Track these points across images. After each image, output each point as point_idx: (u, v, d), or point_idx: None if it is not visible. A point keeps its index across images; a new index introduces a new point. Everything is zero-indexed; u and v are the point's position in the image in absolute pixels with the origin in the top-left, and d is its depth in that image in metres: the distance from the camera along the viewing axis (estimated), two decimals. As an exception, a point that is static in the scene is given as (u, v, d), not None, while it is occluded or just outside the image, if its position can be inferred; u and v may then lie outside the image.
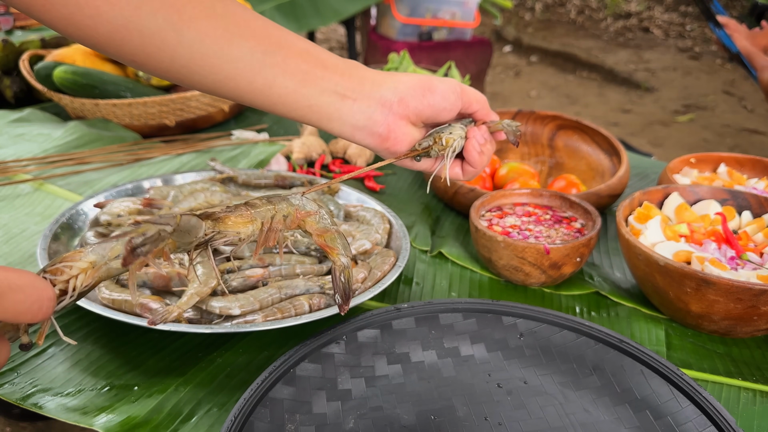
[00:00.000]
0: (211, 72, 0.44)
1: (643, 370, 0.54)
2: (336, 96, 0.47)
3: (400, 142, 0.51)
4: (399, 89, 0.50)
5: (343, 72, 0.48)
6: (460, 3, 2.71)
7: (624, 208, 0.71)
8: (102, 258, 0.34)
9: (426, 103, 0.51)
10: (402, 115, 0.50)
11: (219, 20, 0.43)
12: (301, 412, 0.50)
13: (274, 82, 0.45)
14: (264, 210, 0.43)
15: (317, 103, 0.47)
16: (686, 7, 4.83)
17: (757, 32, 1.27)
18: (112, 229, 0.71)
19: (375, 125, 0.49)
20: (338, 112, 0.48)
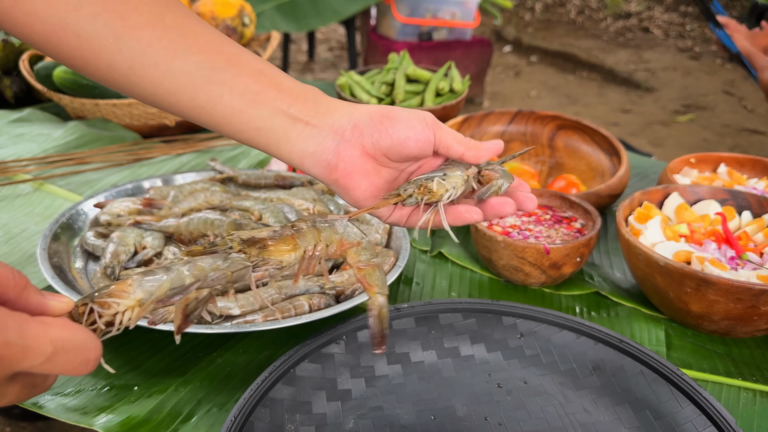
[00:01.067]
0: (151, 84, 0.41)
1: (643, 370, 0.54)
2: (287, 119, 0.44)
3: (349, 174, 0.45)
4: (354, 116, 0.45)
5: (298, 95, 0.44)
6: (460, 3, 2.71)
7: (624, 208, 0.71)
8: (149, 296, 0.34)
9: (384, 131, 0.44)
10: (355, 144, 0.45)
11: (166, 31, 0.41)
12: (301, 412, 0.50)
13: (220, 100, 0.42)
14: (309, 237, 0.42)
15: (266, 126, 0.44)
16: (686, 7, 4.83)
17: (757, 32, 1.27)
18: (112, 229, 0.71)
19: (324, 152, 0.45)
20: (287, 136, 0.44)
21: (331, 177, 0.45)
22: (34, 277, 0.69)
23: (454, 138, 0.46)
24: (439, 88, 1.08)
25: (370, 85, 1.09)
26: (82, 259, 0.69)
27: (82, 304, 0.33)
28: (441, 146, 0.46)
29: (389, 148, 0.45)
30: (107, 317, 0.33)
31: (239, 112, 0.43)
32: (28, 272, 0.69)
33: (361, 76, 1.11)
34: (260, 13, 2.17)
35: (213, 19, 1.16)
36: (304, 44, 3.88)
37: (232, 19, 1.17)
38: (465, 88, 1.09)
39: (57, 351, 0.29)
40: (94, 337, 0.31)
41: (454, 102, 1.05)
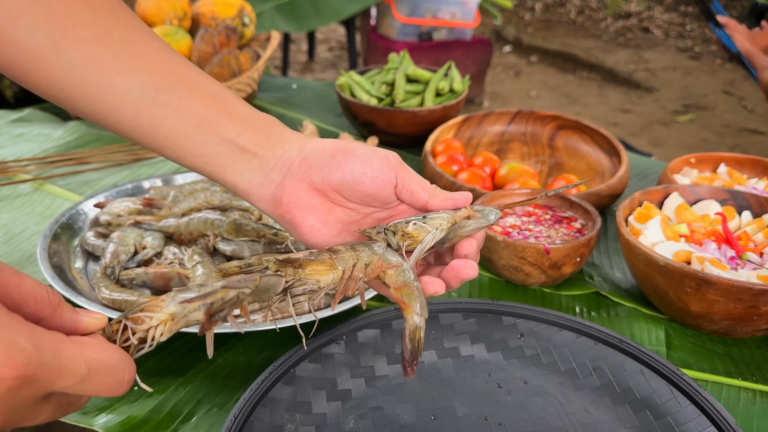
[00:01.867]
0: (92, 101, 0.39)
1: (643, 370, 0.54)
2: (234, 148, 0.42)
3: (294, 209, 0.42)
4: (305, 149, 0.43)
5: (250, 124, 0.42)
6: (460, 3, 2.71)
7: (624, 208, 0.71)
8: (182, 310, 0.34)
9: (336, 165, 0.42)
10: (302, 178, 0.42)
11: (112, 47, 0.38)
12: (301, 412, 0.50)
13: (164, 122, 0.40)
14: (347, 257, 0.41)
15: (211, 153, 0.41)
16: (686, 7, 4.83)
17: (757, 32, 1.27)
18: (112, 229, 0.71)
19: (270, 185, 0.42)
20: (234, 165, 0.42)
21: (277, 211, 0.43)
22: (34, 277, 0.69)
23: (419, 183, 0.44)
24: (439, 88, 1.08)
25: (370, 85, 1.09)
26: (82, 259, 0.69)
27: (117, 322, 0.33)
28: (404, 190, 0.44)
29: (340, 184, 0.43)
30: (141, 333, 0.33)
31: (183, 137, 0.41)
32: (28, 272, 0.69)
33: (361, 76, 1.11)
34: (260, 13, 2.17)
35: (213, 19, 1.16)
36: (304, 44, 3.88)
37: (232, 19, 1.17)
38: (465, 88, 1.09)
39: (91, 372, 0.29)
40: (128, 358, 0.31)
41: (454, 102, 1.05)
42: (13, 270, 0.30)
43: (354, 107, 1.04)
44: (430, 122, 1.02)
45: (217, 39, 1.09)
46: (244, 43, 1.23)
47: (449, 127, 0.99)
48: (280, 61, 3.31)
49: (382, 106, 1.03)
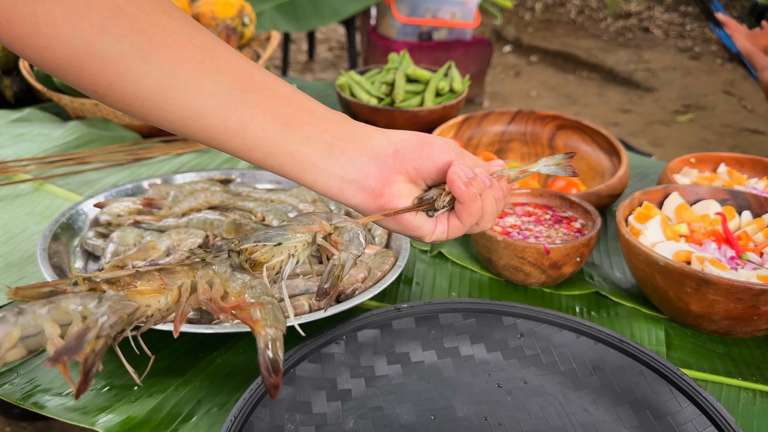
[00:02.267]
0: (180, 106, 0.39)
1: (643, 370, 0.54)
2: (322, 143, 0.42)
3: (395, 199, 0.44)
4: (394, 140, 0.44)
5: (331, 120, 0.43)
6: (460, 3, 2.71)
7: (624, 208, 0.71)
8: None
9: (426, 156, 0.44)
10: (399, 170, 0.44)
11: (195, 52, 0.39)
12: (301, 412, 0.50)
13: (252, 122, 0.41)
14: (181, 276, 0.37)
15: (300, 150, 0.42)
16: (686, 7, 4.83)
17: (757, 32, 1.27)
18: (112, 229, 0.71)
19: (367, 178, 0.43)
20: (324, 161, 0.42)
21: (376, 204, 0.44)
22: (34, 277, 0.69)
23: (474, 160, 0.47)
24: (439, 88, 1.08)
25: (370, 85, 1.09)
26: (82, 259, 0.69)
27: None
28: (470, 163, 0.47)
29: (429, 172, 0.45)
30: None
31: (272, 135, 0.41)
32: (28, 272, 0.69)
33: (361, 76, 1.11)
34: (260, 13, 2.17)
35: (213, 19, 1.16)
36: (304, 44, 3.88)
37: (232, 19, 1.17)
38: (465, 88, 1.09)
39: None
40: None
41: (454, 102, 1.05)
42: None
43: (354, 107, 1.04)
44: (430, 122, 1.02)
45: (217, 39, 1.09)
46: (244, 43, 1.23)
47: (449, 127, 0.99)
48: (280, 61, 3.31)
49: (382, 106, 1.03)
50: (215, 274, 0.38)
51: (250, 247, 0.38)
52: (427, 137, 0.45)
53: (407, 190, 0.45)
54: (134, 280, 0.34)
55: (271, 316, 0.37)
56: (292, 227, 0.40)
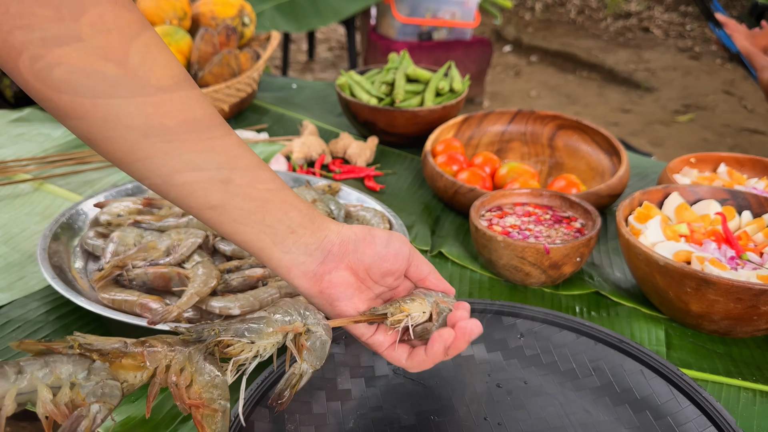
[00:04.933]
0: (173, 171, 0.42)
1: (643, 370, 0.54)
2: (286, 228, 0.46)
3: (335, 286, 0.47)
4: (342, 232, 0.48)
5: (299, 210, 0.47)
6: (460, 3, 2.71)
7: (624, 208, 0.71)
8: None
9: (366, 248, 0.48)
10: (342, 259, 0.47)
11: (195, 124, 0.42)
12: (301, 412, 0.50)
13: (231, 201, 0.44)
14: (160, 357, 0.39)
15: (266, 231, 0.46)
16: (686, 7, 4.83)
17: (757, 32, 1.27)
18: (112, 228, 0.71)
19: (313, 263, 0.47)
20: (283, 242, 0.46)
21: (316, 287, 0.47)
22: (34, 277, 0.69)
23: (423, 258, 0.51)
24: (439, 87, 1.08)
25: (370, 84, 1.09)
26: (82, 259, 0.69)
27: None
28: (413, 263, 0.50)
29: (371, 264, 0.48)
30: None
31: (248, 214, 0.45)
32: (28, 272, 0.69)
33: (361, 76, 1.11)
34: (260, 12, 2.17)
35: (213, 19, 1.16)
36: (304, 44, 3.88)
37: (232, 19, 1.17)
38: (465, 87, 1.09)
39: None
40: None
41: (454, 102, 1.05)
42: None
43: (354, 107, 1.04)
44: (430, 122, 1.02)
45: (217, 39, 1.09)
46: (244, 42, 1.23)
47: (449, 127, 0.99)
48: (280, 61, 3.31)
49: (382, 106, 1.03)
50: (188, 361, 0.40)
51: (227, 340, 0.42)
52: (374, 231, 0.49)
53: (347, 280, 0.48)
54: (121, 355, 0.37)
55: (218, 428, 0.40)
56: (269, 321, 0.44)
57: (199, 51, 1.08)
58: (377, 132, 1.05)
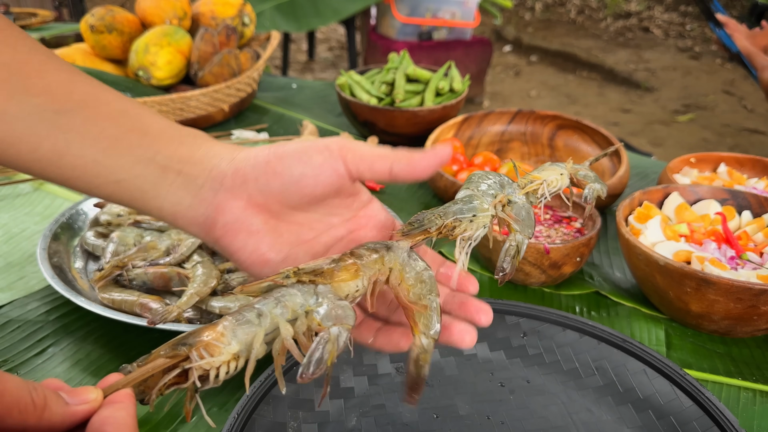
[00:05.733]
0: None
1: (646, 369, 0.54)
2: (153, 168, 0.36)
3: (231, 231, 0.36)
4: (237, 159, 0.36)
5: (171, 139, 0.37)
6: (460, 3, 2.71)
7: (624, 207, 0.71)
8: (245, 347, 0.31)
9: (272, 172, 0.36)
10: (238, 194, 0.36)
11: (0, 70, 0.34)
12: (304, 409, 0.50)
13: (68, 149, 0.35)
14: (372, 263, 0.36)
15: (127, 178, 0.36)
16: (686, 7, 4.83)
17: (757, 32, 1.27)
18: (111, 228, 0.71)
19: (201, 204, 0.36)
20: (156, 188, 0.36)
21: (211, 235, 0.37)
22: (34, 276, 0.69)
23: (372, 153, 0.37)
24: (439, 87, 1.08)
25: (370, 84, 1.09)
26: (82, 259, 0.69)
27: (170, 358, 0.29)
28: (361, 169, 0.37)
29: (282, 193, 0.36)
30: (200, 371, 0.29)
31: (92, 163, 0.35)
32: (28, 272, 0.69)
33: (361, 76, 1.11)
34: (260, 12, 2.17)
35: (213, 19, 1.16)
36: (304, 44, 3.88)
37: (232, 19, 1.17)
38: (465, 87, 1.09)
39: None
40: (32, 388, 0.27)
41: (454, 102, 1.05)
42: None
43: (354, 107, 1.04)
44: (430, 122, 1.02)
45: (217, 39, 1.09)
46: (244, 42, 1.23)
47: (449, 127, 0.99)
48: (280, 61, 3.32)
49: (382, 106, 1.03)
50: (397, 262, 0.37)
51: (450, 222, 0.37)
52: (283, 147, 0.36)
53: (248, 220, 0.36)
54: (334, 270, 0.34)
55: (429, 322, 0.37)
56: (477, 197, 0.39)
57: (199, 51, 1.08)
58: (377, 132, 1.05)
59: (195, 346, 0.29)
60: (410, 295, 0.37)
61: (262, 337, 0.31)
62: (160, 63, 1.05)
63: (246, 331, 0.31)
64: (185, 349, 0.29)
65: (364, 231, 0.41)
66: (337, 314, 0.33)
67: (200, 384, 0.30)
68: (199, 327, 0.30)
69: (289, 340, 0.32)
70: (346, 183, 0.37)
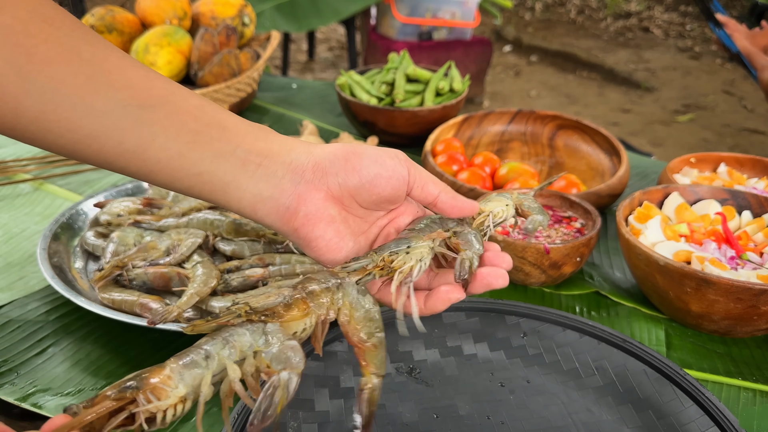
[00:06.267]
0: (68, 129, 0.35)
1: (646, 370, 0.54)
2: (235, 160, 0.38)
3: (312, 221, 0.39)
4: (315, 153, 0.39)
5: (246, 133, 0.38)
6: (460, 3, 2.71)
7: (624, 207, 0.71)
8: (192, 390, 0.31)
9: (351, 168, 0.39)
10: (318, 186, 0.39)
11: (83, 66, 0.34)
12: (304, 409, 0.50)
13: (152, 142, 0.36)
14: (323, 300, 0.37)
15: (209, 170, 0.37)
16: (686, 7, 4.83)
17: (757, 32, 1.27)
18: (111, 228, 0.71)
19: (282, 195, 0.38)
20: (236, 180, 0.38)
21: (291, 225, 0.39)
22: (34, 277, 0.69)
23: (429, 177, 0.41)
24: (439, 87, 1.08)
25: (370, 84, 1.09)
26: (82, 259, 0.69)
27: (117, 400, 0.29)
28: (416, 185, 0.41)
29: (357, 188, 0.39)
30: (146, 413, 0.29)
31: (176, 156, 0.37)
32: (28, 272, 0.69)
33: (361, 76, 1.11)
34: (260, 12, 2.17)
35: (213, 19, 1.16)
36: (304, 44, 3.88)
37: (232, 19, 1.17)
38: (465, 87, 1.09)
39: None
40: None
41: (454, 102, 1.05)
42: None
43: (354, 107, 1.04)
44: (430, 122, 1.02)
45: (217, 39, 1.09)
46: (244, 42, 1.23)
47: (449, 127, 0.99)
48: (280, 61, 3.32)
49: (382, 106, 1.03)
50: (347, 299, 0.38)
51: (387, 256, 0.39)
52: (359, 148, 0.40)
53: (328, 213, 0.39)
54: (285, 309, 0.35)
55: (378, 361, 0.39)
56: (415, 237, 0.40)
57: (199, 51, 1.08)
58: (377, 132, 1.05)
59: (142, 389, 0.29)
60: (360, 334, 0.38)
61: (210, 380, 0.31)
62: (160, 63, 1.05)
63: (193, 374, 0.31)
64: (132, 392, 0.29)
65: (403, 218, 0.44)
66: (287, 357, 0.33)
67: (147, 426, 0.30)
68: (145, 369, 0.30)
69: (237, 383, 0.32)
70: (403, 192, 0.41)
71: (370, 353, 0.39)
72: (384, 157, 0.40)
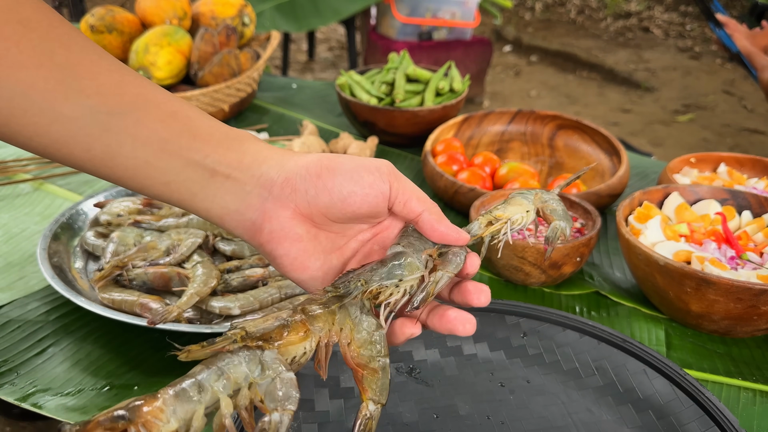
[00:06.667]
0: (36, 134, 0.34)
1: (646, 369, 0.54)
2: (202, 171, 0.37)
3: (277, 239, 0.38)
4: (286, 167, 0.37)
5: (219, 142, 0.37)
6: (460, 3, 2.71)
7: (624, 207, 0.71)
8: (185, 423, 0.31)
9: (322, 185, 0.37)
10: (285, 203, 0.37)
11: (54, 70, 0.34)
12: (304, 409, 0.50)
13: (120, 150, 0.35)
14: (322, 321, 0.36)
15: (177, 180, 0.37)
16: (686, 7, 4.83)
17: (757, 32, 1.27)
18: (111, 228, 0.71)
19: (248, 210, 0.37)
20: (204, 191, 0.37)
21: (256, 240, 0.38)
22: (34, 277, 0.69)
23: (413, 193, 0.39)
24: (439, 87, 1.08)
25: (370, 84, 1.09)
26: (82, 259, 0.69)
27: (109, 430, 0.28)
28: (397, 201, 0.39)
29: (328, 207, 0.37)
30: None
31: (144, 164, 0.36)
32: (28, 272, 0.69)
33: (361, 76, 1.11)
34: (260, 12, 2.17)
35: (213, 19, 1.16)
36: (304, 44, 3.88)
37: (232, 19, 1.17)
38: (465, 87, 1.09)
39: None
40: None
41: (454, 102, 1.05)
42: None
43: (354, 107, 1.04)
44: (430, 122, 1.02)
45: (217, 39, 1.09)
46: (244, 42, 1.23)
47: (449, 127, 0.99)
48: (280, 61, 3.32)
49: (382, 106, 1.03)
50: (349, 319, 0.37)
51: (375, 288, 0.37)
52: (335, 161, 0.38)
53: (293, 230, 0.38)
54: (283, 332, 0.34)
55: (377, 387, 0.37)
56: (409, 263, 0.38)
57: (199, 51, 1.08)
58: (377, 132, 1.05)
59: (134, 421, 0.29)
60: (359, 358, 0.37)
61: (202, 413, 0.31)
62: (160, 63, 1.05)
63: (185, 408, 0.31)
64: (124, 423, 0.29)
65: (388, 232, 0.42)
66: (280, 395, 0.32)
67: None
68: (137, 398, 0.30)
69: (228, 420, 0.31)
70: (383, 209, 0.39)
71: (368, 378, 0.37)
72: (362, 173, 0.38)
